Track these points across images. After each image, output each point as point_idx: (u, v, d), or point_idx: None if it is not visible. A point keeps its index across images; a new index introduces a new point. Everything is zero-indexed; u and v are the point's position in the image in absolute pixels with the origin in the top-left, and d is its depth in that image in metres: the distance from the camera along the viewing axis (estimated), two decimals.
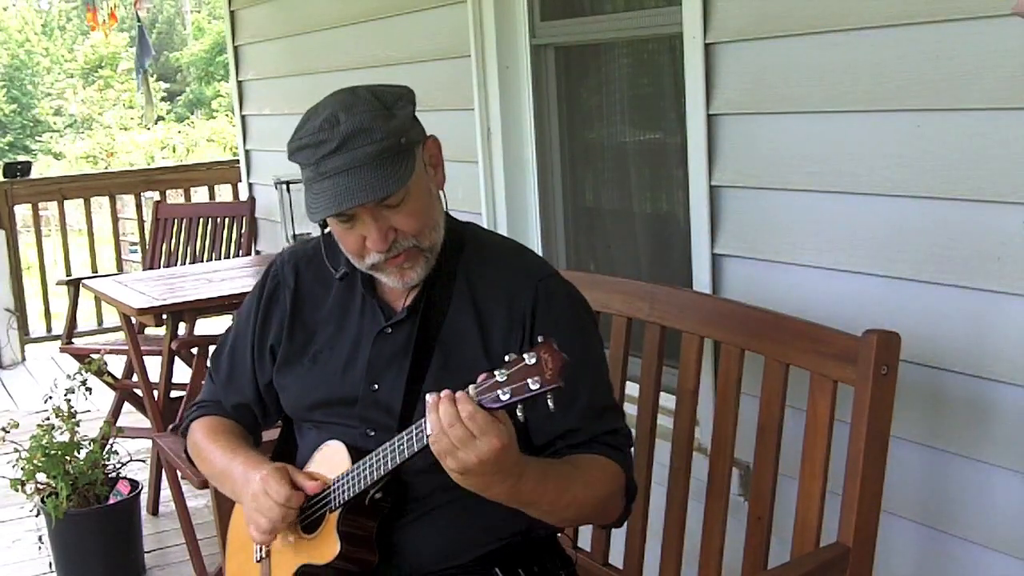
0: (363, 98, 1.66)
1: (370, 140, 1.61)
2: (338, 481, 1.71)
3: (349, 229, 1.69)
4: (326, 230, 1.77)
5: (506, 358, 1.45)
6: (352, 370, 1.80)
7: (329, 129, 1.62)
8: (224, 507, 2.13)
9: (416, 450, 1.55)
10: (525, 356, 1.43)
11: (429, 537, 1.75)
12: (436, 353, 1.75)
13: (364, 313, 1.82)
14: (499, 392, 1.44)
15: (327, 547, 1.72)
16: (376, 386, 1.78)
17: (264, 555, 1.86)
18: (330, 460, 1.75)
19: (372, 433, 1.76)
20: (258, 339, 1.91)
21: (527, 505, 1.63)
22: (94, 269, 6.64)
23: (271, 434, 2.05)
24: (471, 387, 1.47)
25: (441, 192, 1.78)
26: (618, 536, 2.22)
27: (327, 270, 1.85)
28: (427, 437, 1.50)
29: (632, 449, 1.82)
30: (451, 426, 1.47)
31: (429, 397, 1.50)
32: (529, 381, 1.41)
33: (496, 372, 1.45)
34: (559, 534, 1.92)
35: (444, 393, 1.49)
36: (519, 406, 1.44)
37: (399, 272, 1.72)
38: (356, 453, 1.70)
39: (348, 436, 1.76)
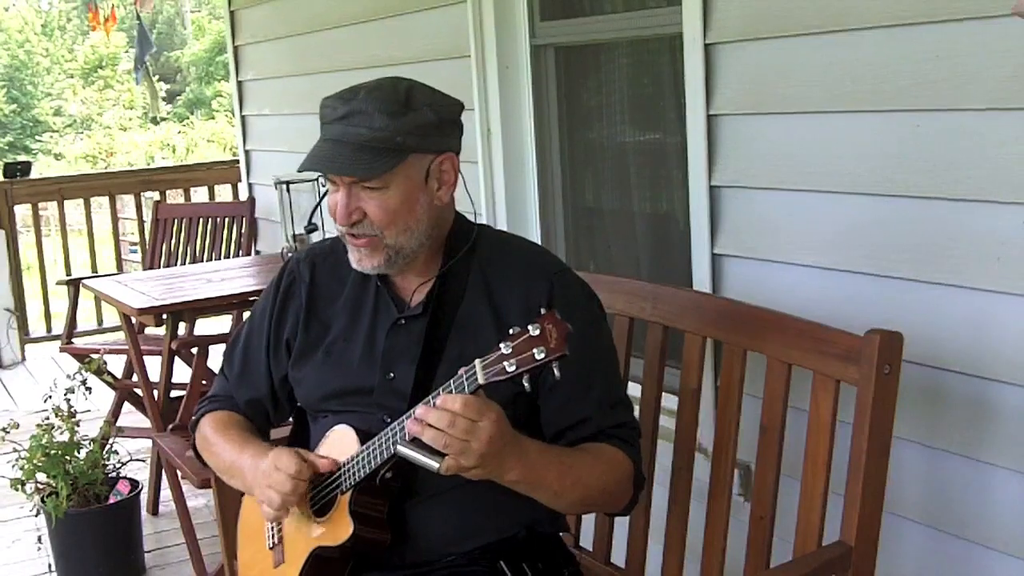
0: (392, 89, 1.74)
1: (366, 125, 1.69)
2: (348, 463, 1.72)
3: (333, 192, 1.77)
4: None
5: (510, 331, 1.47)
6: (368, 360, 1.83)
7: (345, 100, 1.72)
8: (226, 506, 2.13)
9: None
10: (529, 327, 1.45)
11: (437, 520, 1.78)
12: (451, 343, 1.78)
13: (378, 306, 1.86)
14: (505, 364, 1.46)
15: (340, 528, 1.73)
16: (392, 375, 1.81)
17: (277, 540, 1.87)
18: (339, 443, 1.77)
19: (388, 420, 1.77)
20: (274, 334, 1.94)
21: (537, 484, 1.66)
22: (94, 269, 6.64)
23: (280, 432, 2.06)
24: (478, 360, 1.49)
25: (442, 204, 1.80)
26: (620, 536, 2.22)
27: (342, 266, 1.88)
28: (436, 466, 1.52)
29: (640, 441, 1.84)
30: (451, 425, 1.49)
31: (407, 423, 1.54)
32: (535, 351, 1.44)
33: (501, 345, 1.47)
34: (561, 533, 1.93)
35: (418, 410, 1.52)
36: (525, 377, 1.45)
37: (357, 254, 1.79)
38: (365, 436, 1.72)
39: (365, 423, 1.78)
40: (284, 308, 1.94)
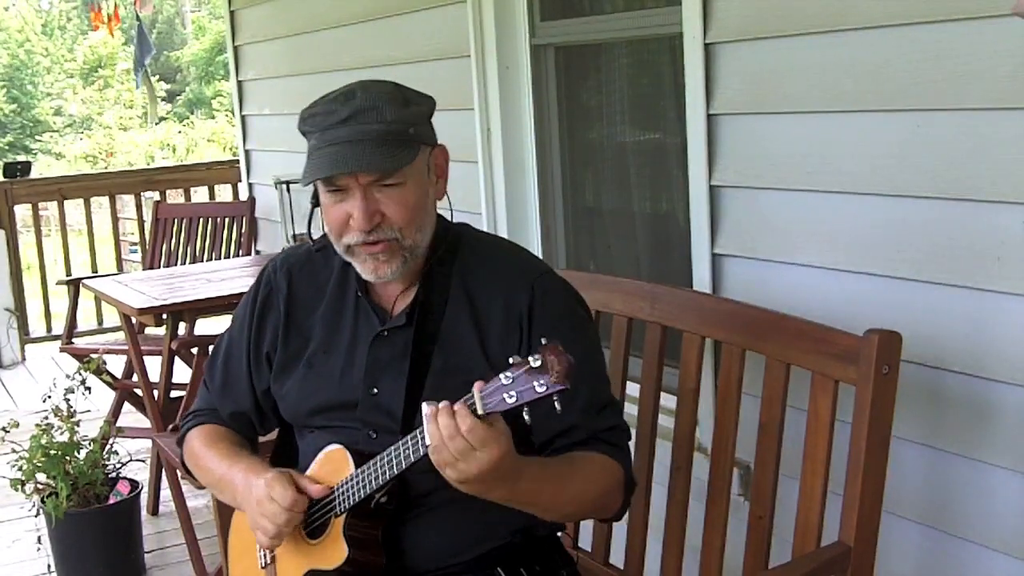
0: (384, 84, 1.70)
1: (379, 119, 1.64)
2: (342, 486, 1.70)
3: (338, 202, 1.68)
4: (316, 210, 1.77)
5: (510, 360, 1.43)
6: (350, 374, 1.80)
7: (344, 101, 1.66)
8: (225, 508, 2.13)
9: (414, 460, 1.55)
10: (530, 359, 1.41)
11: (431, 535, 1.76)
12: (435, 355, 1.75)
13: (358, 316, 1.82)
14: (505, 395, 1.43)
15: (334, 552, 1.71)
16: (376, 390, 1.77)
17: (269, 560, 1.85)
18: (333, 464, 1.74)
19: (375, 436, 1.75)
20: (254, 346, 1.90)
21: (524, 505, 1.64)
22: (94, 269, 6.64)
23: (267, 437, 2.05)
24: (476, 389, 1.46)
25: (438, 202, 1.78)
26: (619, 536, 2.22)
27: (320, 274, 1.85)
28: (426, 448, 1.50)
29: (631, 443, 1.82)
30: (451, 439, 1.46)
31: (426, 407, 1.49)
32: (535, 384, 1.40)
33: (501, 375, 1.43)
34: (559, 533, 1.92)
35: (442, 405, 1.48)
36: (525, 408, 1.43)
37: (374, 262, 1.71)
38: (358, 457, 1.70)
39: (351, 439, 1.75)
40: (263, 320, 1.89)
